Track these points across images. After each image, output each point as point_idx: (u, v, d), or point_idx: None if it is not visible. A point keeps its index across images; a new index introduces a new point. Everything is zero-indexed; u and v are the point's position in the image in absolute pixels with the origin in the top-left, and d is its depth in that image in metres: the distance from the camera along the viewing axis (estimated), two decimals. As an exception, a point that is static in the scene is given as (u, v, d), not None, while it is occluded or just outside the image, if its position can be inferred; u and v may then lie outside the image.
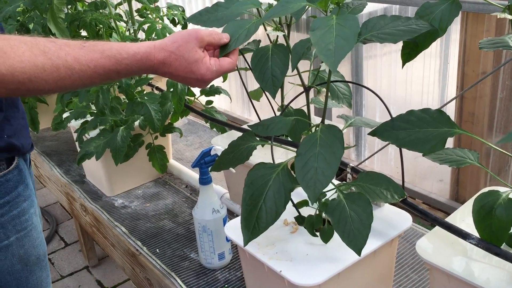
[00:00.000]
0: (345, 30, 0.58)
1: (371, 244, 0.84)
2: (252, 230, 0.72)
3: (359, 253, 0.72)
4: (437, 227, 0.82)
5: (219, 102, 2.68)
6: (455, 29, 1.62)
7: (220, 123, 1.40)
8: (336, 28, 0.58)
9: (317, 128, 0.72)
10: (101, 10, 1.45)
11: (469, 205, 0.86)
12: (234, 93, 2.62)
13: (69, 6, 1.52)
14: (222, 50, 0.82)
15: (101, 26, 1.41)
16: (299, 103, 1.01)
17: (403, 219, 0.92)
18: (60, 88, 0.71)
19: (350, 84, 1.01)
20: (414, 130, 0.74)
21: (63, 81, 0.70)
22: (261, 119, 1.19)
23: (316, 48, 0.57)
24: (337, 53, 0.57)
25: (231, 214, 1.34)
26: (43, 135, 2.05)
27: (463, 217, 0.85)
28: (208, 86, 1.44)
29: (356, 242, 0.72)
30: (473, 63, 1.57)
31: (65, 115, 1.58)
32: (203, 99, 1.48)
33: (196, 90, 1.49)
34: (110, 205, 1.51)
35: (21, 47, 0.67)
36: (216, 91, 1.47)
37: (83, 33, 1.48)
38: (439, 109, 0.75)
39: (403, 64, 0.78)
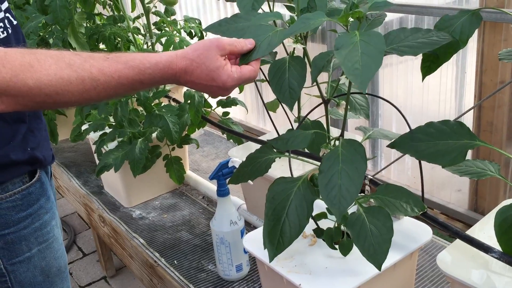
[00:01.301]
0: (370, 48, 0.57)
1: (391, 257, 0.83)
2: (276, 245, 0.72)
3: (379, 268, 0.71)
4: (458, 240, 0.81)
5: (234, 113, 2.68)
6: (472, 38, 1.60)
7: (237, 135, 1.41)
8: (361, 46, 0.58)
9: (337, 143, 0.72)
10: (119, 24, 1.47)
11: (489, 217, 0.85)
12: (249, 103, 2.63)
13: (87, 20, 1.54)
14: (243, 58, 0.80)
15: (119, 39, 1.43)
16: (315, 115, 1.01)
17: (423, 232, 0.91)
18: (85, 100, 0.72)
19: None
20: (433, 142, 0.74)
21: (88, 93, 0.71)
22: (277, 130, 1.20)
23: (343, 68, 0.56)
24: (365, 73, 0.56)
25: (248, 226, 1.34)
26: (61, 146, 2.08)
27: (484, 229, 0.84)
28: (225, 97, 1.45)
29: (376, 257, 0.71)
30: (491, 72, 1.56)
31: (84, 127, 1.60)
32: (220, 111, 1.49)
33: (213, 102, 1.50)
34: (128, 216, 1.53)
35: (47, 60, 0.68)
36: (232, 102, 1.47)
37: (102, 46, 1.50)
38: (459, 121, 0.74)
39: (423, 78, 0.78)
